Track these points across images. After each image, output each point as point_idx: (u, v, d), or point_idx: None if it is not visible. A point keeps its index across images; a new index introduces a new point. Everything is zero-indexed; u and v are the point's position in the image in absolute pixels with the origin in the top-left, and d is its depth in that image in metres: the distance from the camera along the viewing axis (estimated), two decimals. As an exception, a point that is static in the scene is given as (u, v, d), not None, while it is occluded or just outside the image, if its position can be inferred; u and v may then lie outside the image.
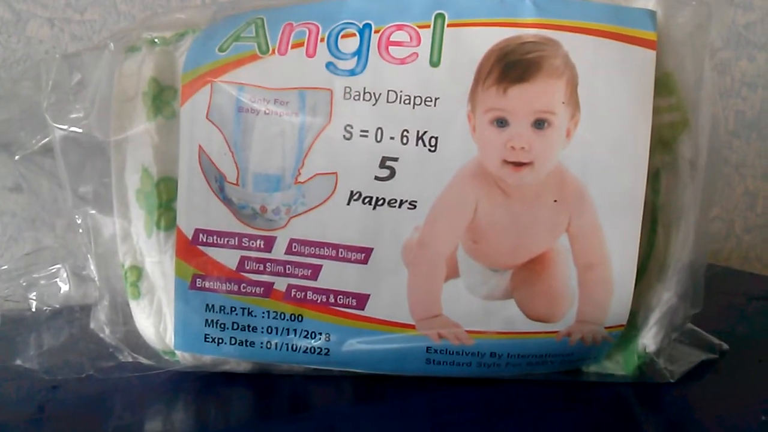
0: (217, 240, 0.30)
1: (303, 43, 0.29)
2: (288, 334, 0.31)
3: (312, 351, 0.31)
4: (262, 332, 0.31)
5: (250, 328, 0.31)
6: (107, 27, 0.48)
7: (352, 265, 0.30)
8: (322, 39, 0.29)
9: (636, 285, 0.29)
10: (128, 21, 0.49)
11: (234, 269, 0.30)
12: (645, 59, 0.28)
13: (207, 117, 0.29)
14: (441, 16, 0.29)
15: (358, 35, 0.29)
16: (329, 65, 0.29)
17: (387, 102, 0.29)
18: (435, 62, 0.29)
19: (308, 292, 0.30)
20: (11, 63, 0.47)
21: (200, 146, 0.30)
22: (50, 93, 0.31)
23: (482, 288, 0.30)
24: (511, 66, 0.28)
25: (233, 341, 0.31)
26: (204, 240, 0.30)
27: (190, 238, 0.30)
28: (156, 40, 0.32)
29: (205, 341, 0.31)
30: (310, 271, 0.30)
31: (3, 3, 0.46)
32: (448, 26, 0.29)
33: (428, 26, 0.29)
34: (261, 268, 0.30)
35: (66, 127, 0.30)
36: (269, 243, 0.30)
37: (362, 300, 0.30)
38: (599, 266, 0.29)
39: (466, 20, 0.29)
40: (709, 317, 0.34)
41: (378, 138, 0.29)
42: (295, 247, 0.30)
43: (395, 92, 0.29)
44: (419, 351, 0.31)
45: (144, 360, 0.32)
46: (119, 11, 0.49)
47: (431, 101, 0.28)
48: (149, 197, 0.31)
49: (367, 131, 0.29)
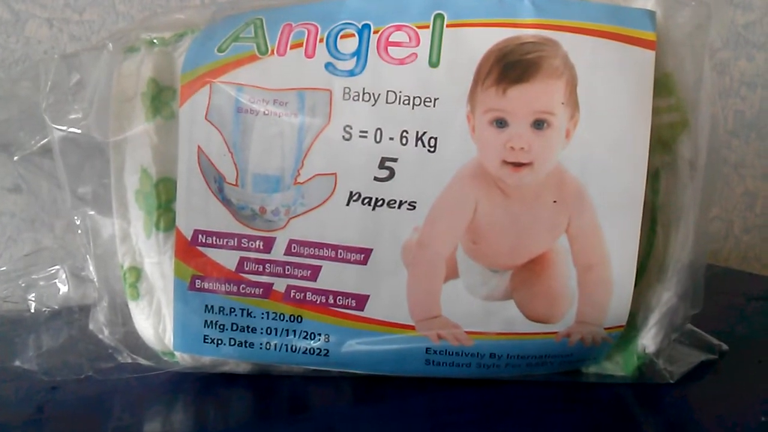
0: (217, 241, 0.30)
1: (302, 44, 0.29)
2: (287, 335, 0.31)
3: (311, 352, 0.31)
4: (262, 333, 0.31)
5: (250, 329, 0.31)
6: (106, 27, 0.48)
7: (352, 266, 0.30)
8: (321, 39, 0.29)
9: (635, 285, 0.29)
10: (127, 21, 0.49)
11: (233, 270, 0.30)
12: (644, 59, 0.28)
13: (206, 117, 0.29)
14: (440, 17, 0.29)
15: (357, 36, 0.29)
16: (328, 66, 0.29)
17: (386, 102, 0.29)
18: (434, 63, 0.29)
19: (307, 293, 0.30)
20: (10, 63, 0.47)
21: (199, 147, 0.30)
22: (49, 93, 0.31)
23: (482, 289, 0.30)
24: (511, 66, 0.28)
25: (232, 342, 0.31)
26: (203, 241, 0.30)
27: (189, 239, 0.30)
28: (155, 41, 0.32)
29: (204, 342, 0.31)
30: (310, 272, 0.30)
31: (2, 3, 0.46)
32: (447, 26, 0.29)
33: (427, 27, 0.29)
34: (260, 269, 0.30)
35: (65, 128, 0.30)
36: (268, 244, 0.30)
37: (362, 301, 0.30)
38: (599, 267, 0.29)
39: (466, 20, 0.29)
40: (709, 318, 0.34)
41: (377, 138, 0.28)
42: (295, 248, 0.30)
43: (394, 93, 0.29)
44: (419, 352, 0.31)
45: (143, 361, 0.32)
46: (118, 12, 0.49)
47: (430, 102, 0.28)
48: (148, 198, 0.31)
49: (367, 132, 0.29)
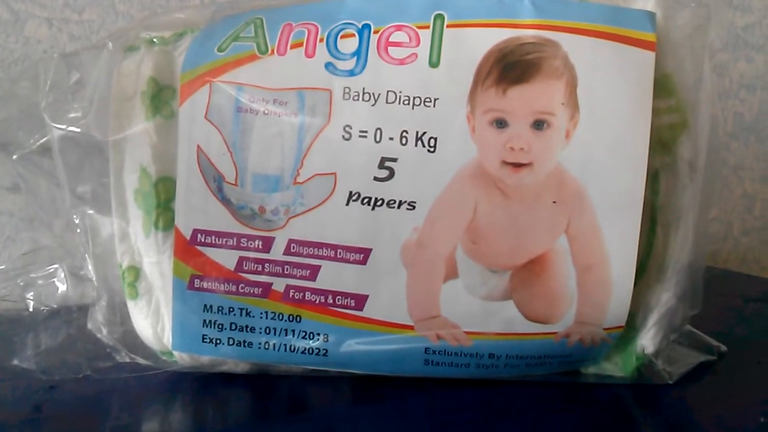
0: (216, 240, 0.30)
1: (302, 44, 0.29)
2: (286, 335, 0.31)
3: (310, 351, 0.31)
4: (260, 333, 0.31)
5: (248, 329, 0.31)
6: (105, 27, 0.48)
7: (351, 266, 0.30)
8: (322, 39, 0.29)
9: (635, 286, 0.29)
10: (126, 21, 0.49)
11: (232, 269, 0.30)
12: (644, 60, 0.28)
13: (206, 117, 0.29)
14: (440, 17, 0.29)
15: (358, 36, 0.29)
16: (328, 65, 0.29)
17: (386, 102, 0.29)
18: (434, 63, 0.29)
19: (307, 293, 0.30)
20: (9, 63, 0.47)
21: (199, 146, 0.30)
22: (48, 92, 0.31)
23: (481, 289, 0.30)
24: (511, 67, 0.28)
25: (231, 342, 0.31)
26: (202, 240, 0.30)
27: (189, 239, 0.30)
28: (155, 40, 0.31)
29: (203, 342, 0.31)
30: (309, 272, 0.30)
31: (1, 3, 0.46)
32: (448, 27, 0.29)
33: (427, 27, 0.29)
34: (259, 269, 0.30)
35: (64, 127, 0.30)
36: (268, 243, 0.30)
37: (361, 300, 0.30)
38: (598, 267, 0.29)
39: (466, 21, 0.29)
40: (708, 319, 0.34)
41: (377, 138, 0.28)
42: (294, 248, 0.30)
43: (394, 93, 0.29)
44: (418, 352, 0.30)
45: (141, 360, 0.32)
46: (117, 11, 0.48)
47: (430, 102, 0.28)
48: (147, 197, 0.31)
49: (366, 132, 0.29)
